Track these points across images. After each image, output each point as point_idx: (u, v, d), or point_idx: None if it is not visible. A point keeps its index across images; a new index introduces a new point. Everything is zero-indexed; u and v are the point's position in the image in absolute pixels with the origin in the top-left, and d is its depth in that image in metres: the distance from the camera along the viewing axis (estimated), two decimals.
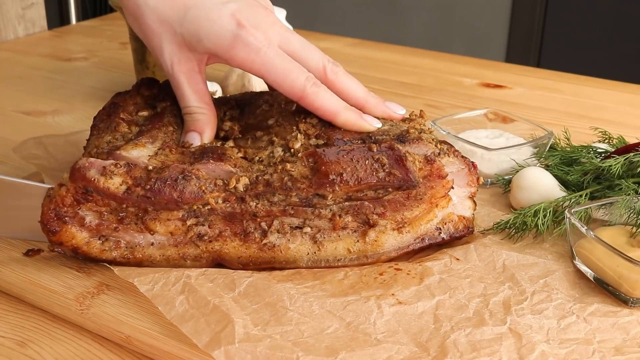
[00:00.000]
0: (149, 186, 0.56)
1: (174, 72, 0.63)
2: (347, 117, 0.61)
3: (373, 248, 0.60)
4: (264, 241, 0.58)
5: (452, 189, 0.61)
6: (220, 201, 0.57)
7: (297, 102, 0.63)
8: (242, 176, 0.57)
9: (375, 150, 0.57)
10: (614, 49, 2.52)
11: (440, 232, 0.62)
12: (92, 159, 0.57)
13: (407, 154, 0.58)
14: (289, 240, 0.59)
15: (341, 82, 0.64)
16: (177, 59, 0.63)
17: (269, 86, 0.72)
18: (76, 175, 0.56)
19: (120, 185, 0.56)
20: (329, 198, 0.57)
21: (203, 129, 0.63)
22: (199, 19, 0.61)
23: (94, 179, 0.55)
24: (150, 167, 0.57)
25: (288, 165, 0.57)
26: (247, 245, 0.58)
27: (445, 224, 0.62)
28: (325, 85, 0.63)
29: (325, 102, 0.61)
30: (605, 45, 2.53)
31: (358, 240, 0.60)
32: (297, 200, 0.57)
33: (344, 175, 0.56)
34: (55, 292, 0.57)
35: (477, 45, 2.74)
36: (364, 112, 0.63)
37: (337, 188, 0.56)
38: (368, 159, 0.57)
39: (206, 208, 0.57)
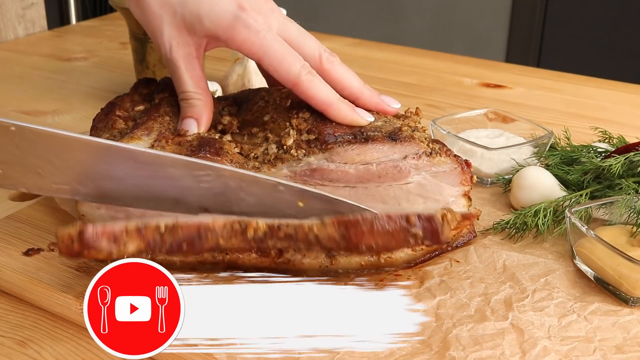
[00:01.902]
0: (165, 250, 0.53)
1: (172, 55, 0.63)
2: (340, 108, 0.61)
3: (385, 262, 0.60)
4: (280, 259, 0.59)
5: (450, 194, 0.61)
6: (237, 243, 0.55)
7: (291, 90, 0.63)
8: (260, 224, 0.54)
9: (413, 224, 0.53)
10: (614, 49, 2.52)
11: (448, 246, 0.62)
12: (98, 227, 0.51)
13: (445, 218, 0.54)
14: (304, 255, 0.59)
15: (336, 71, 0.64)
16: (176, 43, 0.63)
17: (266, 77, 0.72)
18: (87, 246, 0.51)
19: (135, 250, 0.53)
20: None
21: (200, 114, 0.63)
22: (200, 0, 0.61)
23: (106, 251, 0.52)
24: (162, 227, 0.52)
25: (315, 228, 0.53)
26: (262, 260, 0.59)
27: (453, 236, 0.62)
28: (320, 74, 0.63)
29: (319, 91, 0.61)
30: (605, 45, 2.53)
31: (373, 256, 0.60)
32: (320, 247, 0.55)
33: (375, 246, 0.54)
34: (55, 291, 0.57)
35: (477, 45, 2.74)
36: (357, 104, 0.63)
37: (365, 255, 0.56)
38: (403, 232, 0.54)
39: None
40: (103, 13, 2.01)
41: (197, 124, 0.62)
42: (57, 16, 1.65)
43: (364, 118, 0.61)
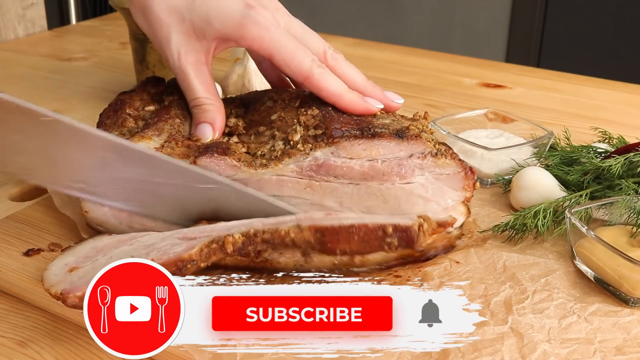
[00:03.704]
0: None
1: (181, 63, 0.64)
2: (351, 98, 0.62)
3: (359, 263, 0.60)
4: (258, 259, 0.58)
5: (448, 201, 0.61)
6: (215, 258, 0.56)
7: (302, 83, 0.63)
8: (237, 236, 0.55)
9: (389, 234, 0.55)
10: (614, 49, 2.52)
11: (421, 255, 0.60)
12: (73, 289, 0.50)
13: (422, 228, 0.56)
14: (281, 254, 0.58)
15: (341, 67, 0.66)
16: (184, 50, 0.63)
17: (266, 76, 0.72)
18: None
19: None
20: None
21: (214, 118, 0.63)
22: (207, 3, 0.62)
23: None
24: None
25: (291, 233, 0.55)
26: (242, 259, 0.58)
27: (429, 245, 0.61)
28: None
29: (330, 83, 0.62)
30: (605, 45, 2.54)
31: (346, 257, 0.59)
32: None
33: (349, 251, 0.56)
34: None
35: (477, 45, 2.74)
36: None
37: (340, 258, 0.57)
38: (378, 240, 0.56)
39: None
40: (103, 13, 2.01)
41: (212, 129, 0.63)
42: (57, 16, 1.65)
43: (374, 106, 0.63)
